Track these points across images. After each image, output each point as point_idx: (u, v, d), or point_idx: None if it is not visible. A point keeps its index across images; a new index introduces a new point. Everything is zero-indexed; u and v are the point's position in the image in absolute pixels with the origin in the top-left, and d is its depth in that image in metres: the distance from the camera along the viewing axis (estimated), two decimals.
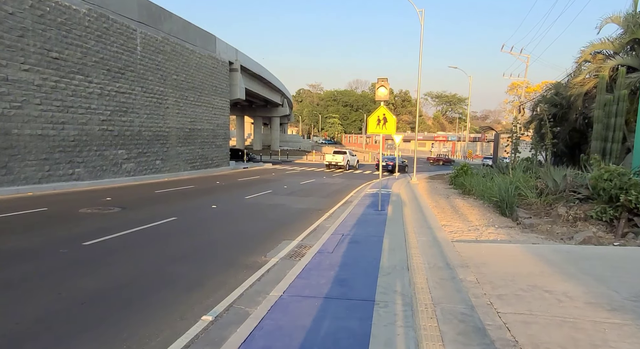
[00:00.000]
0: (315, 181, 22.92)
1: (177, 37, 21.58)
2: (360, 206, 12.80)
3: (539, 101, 23.89)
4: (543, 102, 23.62)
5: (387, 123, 11.28)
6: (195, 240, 7.89)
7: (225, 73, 28.29)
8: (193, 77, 23.57)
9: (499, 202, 11.72)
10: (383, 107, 11.31)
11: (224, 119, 28.67)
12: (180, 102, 22.30)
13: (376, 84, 11.10)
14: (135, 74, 18.21)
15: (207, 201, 13.19)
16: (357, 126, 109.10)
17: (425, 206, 12.91)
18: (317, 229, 9.43)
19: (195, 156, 24.37)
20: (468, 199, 14.81)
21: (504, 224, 9.83)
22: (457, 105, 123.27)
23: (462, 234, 8.42)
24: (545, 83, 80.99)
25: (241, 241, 7.95)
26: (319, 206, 13.48)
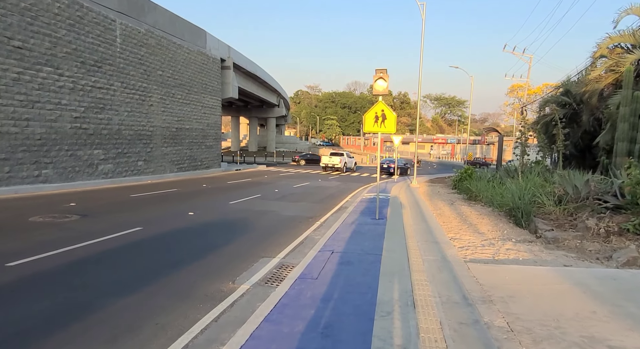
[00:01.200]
0: (310, 184, 21.55)
1: (163, 30, 20.23)
2: (356, 214, 11.44)
3: (547, 101, 22.59)
4: (551, 102, 22.33)
5: (387, 121, 9.94)
6: (152, 259, 6.51)
7: (216, 70, 26.94)
8: (181, 73, 22.21)
9: (512, 211, 10.37)
10: (382, 102, 9.97)
11: (215, 118, 27.30)
12: (166, 99, 20.94)
13: (374, 76, 9.76)
14: (115, 68, 16.84)
15: (186, 207, 11.81)
16: (356, 128, 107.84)
17: (428, 213, 11.55)
18: (304, 242, 8.06)
19: (182, 156, 22.99)
20: (475, 206, 13.45)
21: (521, 237, 8.48)
22: (456, 107, 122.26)
23: (475, 251, 7.06)
24: (546, 85, 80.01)
25: (210, 260, 6.57)
26: (310, 212, 12.12)
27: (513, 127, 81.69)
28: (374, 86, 9.83)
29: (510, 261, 6.41)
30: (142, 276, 5.60)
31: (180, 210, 11.27)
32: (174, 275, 5.69)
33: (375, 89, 9.86)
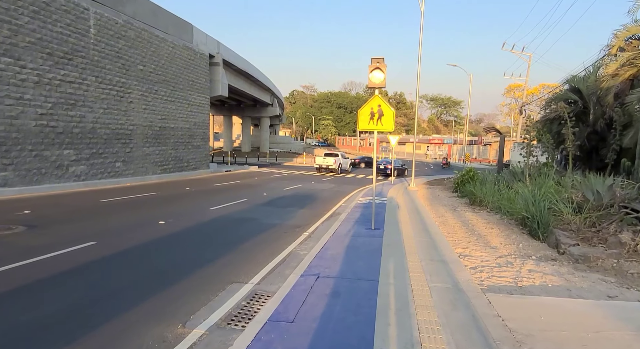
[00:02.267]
0: (302, 187, 20.29)
1: (144, 22, 18.88)
2: (349, 222, 10.18)
3: (552, 99, 21.43)
4: (556, 100, 21.20)
5: (384, 118, 8.69)
6: (87, 287, 5.20)
7: (204, 67, 25.59)
8: (165, 68, 20.86)
9: (526, 220, 9.15)
10: (378, 96, 8.72)
11: (203, 117, 25.95)
12: (148, 96, 19.58)
13: (370, 66, 8.51)
14: (88, 61, 15.47)
15: (159, 214, 10.50)
16: (351, 128, 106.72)
17: (430, 222, 10.31)
18: (286, 259, 6.80)
19: (166, 157, 21.63)
20: (480, 213, 12.24)
21: (540, 252, 7.25)
22: (452, 108, 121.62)
23: (492, 273, 5.82)
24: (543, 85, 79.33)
25: (164, 289, 5.28)
26: (298, 220, 10.85)
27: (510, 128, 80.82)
28: (369, 78, 8.58)
29: (538, 288, 5.17)
30: (57, 317, 4.30)
31: (151, 218, 9.95)
32: (105, 315, 4.38)
33: (370, 82, 8.60)
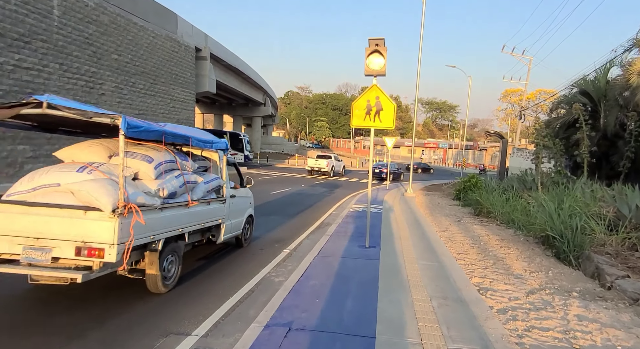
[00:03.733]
0: (290, 191, 18.70)
1: (120, 7, 17.21)
2: (339, 236, 8.60)
3: (559, 102, 20.06)
4: (564, 103, 19.83)
5: (383, 113, 7.13)
6: None
7: (189, 60, 23.93)
8: (144, 60, 19.17)
9: (551, 239, 7.63)
10: (377, 87, 7.16)
11: (187, 113, 24.27)
12: (124, 88, 17.88)
13: (367, 49, 6.94)
14: (50, 46, 13.77)
15: None
16: (346, 130, 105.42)
17: (434, 238, 8.75)
18: (254, 292, 5.20)
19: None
20: (489, 226, 10.71)
21: (579, 284, 5.72)
22: (447, 112, 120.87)
23: (529, 323, 4.25)
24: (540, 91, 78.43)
25: None
26: (280, 232, 9.26)
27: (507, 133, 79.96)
28: (366, 63, 7.00)
29: None
30: None
31: None
32: None
33: (368, 68, 7.03)
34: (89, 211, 4.00)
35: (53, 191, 4.29)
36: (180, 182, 5.19)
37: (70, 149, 5.02)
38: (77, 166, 4.51)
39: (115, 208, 3.97)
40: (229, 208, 6.69)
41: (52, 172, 4.44)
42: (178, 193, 5.15)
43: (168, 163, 5.09)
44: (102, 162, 4.74)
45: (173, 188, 5.02)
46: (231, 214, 6.82)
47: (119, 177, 4.04)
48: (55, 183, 4.33)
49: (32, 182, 4.40)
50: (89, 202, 4.06)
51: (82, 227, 3.98)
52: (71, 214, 4.00)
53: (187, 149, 5.83)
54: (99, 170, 4.48)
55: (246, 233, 7.79)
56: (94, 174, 4.40)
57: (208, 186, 5.97)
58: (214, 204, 6.14)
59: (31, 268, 4.04)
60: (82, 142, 5.18)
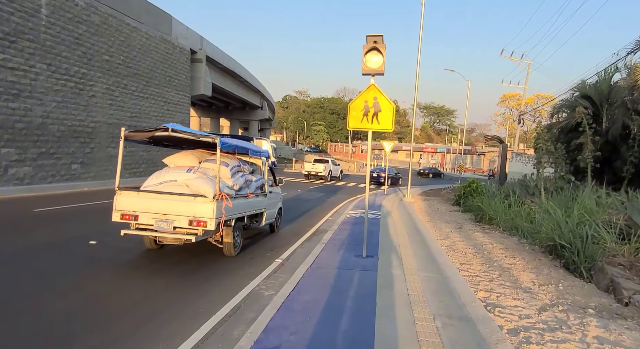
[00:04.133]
0: (286, 196, 18.23)
1: (112, 7, 16.80)
2: (335, 245, 8.15)
3: (560, 106, 19.71)
4: (565, 107, 19.49)
5: (381, 114, 6.71)
6: None
7: (184, 62, 23.52)
8: (136, 61, 18.75)
9: (559, 248, 7.21)
10: (375, 87, 6.75)
11: (182, 116, 23.82)
12: (115, 90, 17.44)
13: (364, 46, 6.53)
14: (38, 46, 13.33)
15: (98, 229, 8.37)
16: (344, 135, 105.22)
17: (435, 247, 8.31)
18: (240, 308, 4.76)
19: (137, 159, 19.45)
20: (492, 233, 10.29)
21: (593, 298, 5.29)
22: (445, 117, 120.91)
23: (544, 344, 3.81)
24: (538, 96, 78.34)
25: None
26: (272, 240, 8.82)
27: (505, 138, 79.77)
28: (363, 62, 6.59)
29: None
30: None
31: (84, 235, 7.81)
32: None
33: (365, 66, 6.62)
34: (197, 197, 6.17)
35: (173, 184, 6.55)
36: (243, 180, 7.41)
37: (173, 157, 7.57)
38: (185, 168, 6.84)
39: (214, 195, 6.13)
40: (268, 201, 8.71)
41: (170, 172, 6.80)
42: (242, 188, 7.33)
43: (236, 167, 7.36)
44: (198, 166, 7.02)
45: (240, 184, 7.22)
46: (269, 206, 8.83)
47: (214, 176, 6.40)
48: (174, 179, 6.60)
49: (158, 178, 6.70)
50: (197, 192, 6.27)
51: (193, 207, 6.13)
52: (186, 199, 6.19)
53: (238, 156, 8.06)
54: (199, 171, 6.73)
55: (277, 222, 9.78)
56: (197, 174, 6.64)
57: (257, 184, 8.07)
58: (260, 198, 8.19)
59: (159, 233, 6.20)
60: (179, 152, 7.75)
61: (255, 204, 7.90)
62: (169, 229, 6.16)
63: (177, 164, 7.34)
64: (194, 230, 6.15)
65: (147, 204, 6.23)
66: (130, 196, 6.38)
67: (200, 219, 6.07)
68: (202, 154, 7.64)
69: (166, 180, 6.61)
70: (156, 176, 6.80)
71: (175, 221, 6.14)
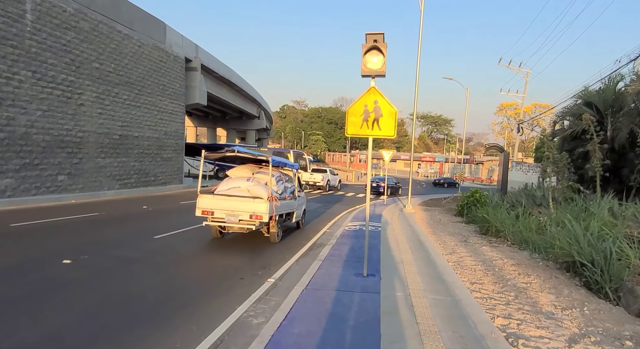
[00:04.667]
0: None
1: (103, 14, 16.32)
2: (333, 261, 7.50)
3: (563, 114, 19.24)
4: (569, 115, 19.02)
5: (382, 119, 6.15)
6: None
7: (179, 71, 23.03)
8: (128, 69, 18.23)
9: (577, 266, 6.59)
10: (375, 90, 6.19)
11: (176, 126, 23.25)
12: (106, 99, 16.87)
13: (364, 45, 5.98)
14: (22, 53, 12.78)
15: (76, 246, 7.71)
16: (342, 144, 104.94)
17: (442, 263, 7.67)
18: (224, 341, 4.10)
19: (128, 170, 18.81)
20: (500, 247, 9.66)
21: (626, 326, 4.66)
22: (442, 126, 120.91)
23: None
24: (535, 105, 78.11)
25: None
26: (266, 256, 8.18)
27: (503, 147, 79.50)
28: (363, 62, 6.04)
29: None
30: None
31: (58, 253, 7.13)
32: None
33: (365, 67, 6.06)
34: (256, 198, 8.53)
35: (238, 189, 8.93)
36: (283, 187, 9.78)
37: (234, 171, 10.06)
38: (245, 178, 9.28)
39: (267, 197, 8.45)
40: (297, 203, 11.03)
41: (235, 181, 9.22)
42: (282, 192, 9.61)
43: (279, 177, 9.80)
44: (253, 176, 9.42)
45: (282, 190, 9.62)
46: (298, 207, 11.14)
47: (266, 184, 8.88)
48: (238, 186, 9.00)
49: (227, 185, 9.16)
50: (256, 195, 8.63)
51: (253, 206, 8.45)
52: (248, 200, 8.52)
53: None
54: (255, 180, 9.12)
55: (302, 220, 12.12)
56: (254, 182, 9.03)
57: (291, 189, 10.41)
58: (292, 200, 10.39)
59: (228, 224, 8.70)
60: (238, 166, 10.28)
61: (290, 205, 10.27)
62: (235, 221, 8.63)
63: (237, 175, 9.80)
64: (253, 222, 8.59)
65: (220, 204, 8.69)
66: (208, 198, 8.81)
67: (258, 214, 8.47)
68: (253, 167, 10.23)
69: (232, 187, 9.12)
70: (224, 183, 9.35)
71: (240, 215, 8.56)
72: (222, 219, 8.67)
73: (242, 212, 8.54)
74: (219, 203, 8.69)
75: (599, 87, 18.16)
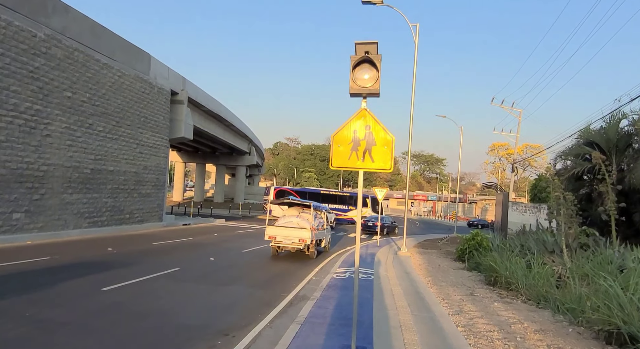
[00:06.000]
0: (267, 247, 16.11)
1: (80, 41, 15.42)
2: (314, 326, 6.00)
3: (565, 153, 18.27)
4: (571, 155, 18.06)
5: (376, 148, 4.90)
6: None
7: (163, 103, 22.06)
8: (106, 99, 17.16)
9: (624, 338, 5.17)
10: (367, 113, 5.00)
11: (158, 160, 21.97)
12: (77, 130, 15.64)
13: (352, 58, 4.84)
14: None
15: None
16: (334, 182, 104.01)
17: (449, 328, 6.18)
18: None
19: (99, 207, 17.27)
20: (514, 303, 8.20)
21: None
22: (434, 165, 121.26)
23: None
24: (527, 145, 78.37)
25: None
26: (231, 313, 6.67)
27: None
28: (352, 78, 4.86)
29: None
30: None
31: None
32: None
33: (354, 84, 4.87)
34: (303, 229, 13.37)
35: (291, 222, 13.74)
36: (318, 222, 14.57)
37: (287, 210, 15.68)
38: (295, 215, 14.36)
39: (310, 228, 13.40)
40: (326, 233, 15.74)
41: (288, 217, 14.14)
42: (317, 225, 14.29)
43: (315, 215, 14.81)
44: (299, 214, 14.42)
45: (317, 224, 14.35)
46: (326, 236, 15.80)
47: (308, 220, 13.90)
48: (290, 221, 13.84)
49: (284, 220, 14.01)
50: (303, 227, 13.49)
51: (301, 233, 13.25)
52: (298, 230, 13.37)
53: None
54: (301, 217, 14.05)
55: (328, 245, 16.32)
56: (301, 218, 13.95)
57: (322, 224, 15.18)
58: (323, 231, 15.11)
59: (285, 244, 13.47)
60: (291, 208, 15.79)
61: (322, 234, 14.86)
62: (289, 243, 13.24)
63: (289, 213, 14.84)
64: (300, 244, 13.12)
65: (280, 232, 13.38)
66: (272, 228, 13.52)
67: (304, 239, 13.03)
68: (298, 208, 15.36)
69: (287, 221, 13.75)
70: (282, 219, 14.12)
71: (292, 239, 13.17)
72: (281, 242, 13.35)
73: (294, 237, 13.18)
74: (279, 231, 13.44)
75: (600, 125, 17.37)
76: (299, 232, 13.15)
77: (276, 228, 13.45)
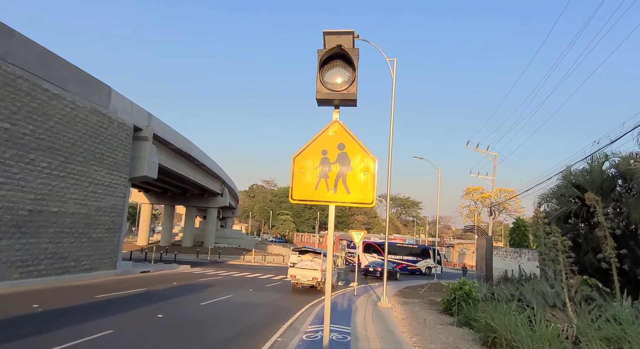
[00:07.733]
0: (230, 299, 14.15)
1: (24, 68, 13.91)
2: None
3: (549, 195, 17.36)
4: (555, 197, 17.17)
5: (352, 175, 3.50)
6: None
7: (124, 139, 20.40)
8: (53, 133, 15.43)
9: None
10: (340, 127, 3.65)
11: (114, 200, 19.94)
12: (14, 166, 13.75)
13: (319, 53, 3.57)
14: None
15: None
16: (311, 225, 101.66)
17: None
18: None
19: (37, 254, 15.00)
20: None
21: None
22: (410, 208, 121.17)
23: None
24: (500, 189, 79.17)
25: None
26: None
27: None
28: (318, 78, 3.56)
29: None
30: None
31: None
32: None
33: (322, 88, 3.55)
34: (315, 270, 18.46)
35: (306, 265, 18.99)
36: (323, 264, 18.99)
37: (303, 256, 20.36)
38: (309, 260, 19.78)
39: (320, 269, 18.40)
40: (333, 273, 20.21)
41: (304, 261, 19.46)
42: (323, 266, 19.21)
43: (323, 258, 19.26)
44: (312, 259, 19.92)
45: (323, 266, 18.82)
46: (334, 275, 21.12)
47: (318, 263, 19.04)
48: (306, 263, 19.10)
49: (301, 264, 19.05)
50: (315, 268, 18.59)
51: (314, 273, 18.35)
52: (311, 271, 18.48)
53: None
54: (314, 261, 19.53)
55: (336, 282, 21.81)
56: (314, 262, 19.37)
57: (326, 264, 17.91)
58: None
59: (301, 281, 18.58)
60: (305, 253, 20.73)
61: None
62: (305, 281, 18.31)
63: (304, 259, 19.58)
64: (313, 281, 18.14)
65: (299, 272, 18.36)
66: (293, 269, 18.45)
67: (316, 277, 18.07)
68: (312, 254, 20.23)
69: (304, 265, 18.69)
70: (300, 263, 18.86)
71: (307, 277, 18.24)
72: (299, 279, 18.12)
73: (309, 276, 17.96)
74: (298, 271, 18.18)
75: (582, 167, 16.68)
76: (312, 272, 18.01)
77: (296, 269, 18.29)
